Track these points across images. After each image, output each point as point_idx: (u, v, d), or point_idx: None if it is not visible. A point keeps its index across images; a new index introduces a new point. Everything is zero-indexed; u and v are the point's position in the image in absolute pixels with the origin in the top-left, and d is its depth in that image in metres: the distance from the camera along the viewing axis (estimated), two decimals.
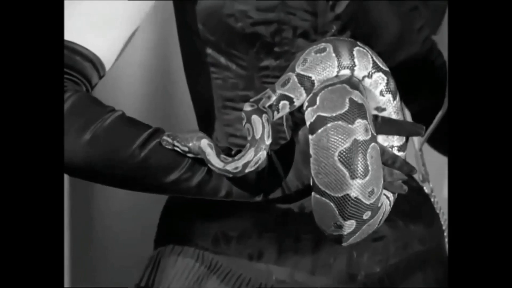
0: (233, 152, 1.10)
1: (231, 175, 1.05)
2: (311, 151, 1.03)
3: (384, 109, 1.09)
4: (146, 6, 1.19)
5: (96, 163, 1.08)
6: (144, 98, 1.82)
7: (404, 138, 1.12)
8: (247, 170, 1.05)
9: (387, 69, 1.08)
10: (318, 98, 1.04)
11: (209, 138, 1.07)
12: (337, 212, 1.04)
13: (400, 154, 1.12)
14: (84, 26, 1.14)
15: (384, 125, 1.08)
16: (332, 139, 1.02)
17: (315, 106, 1.04)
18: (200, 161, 1.08)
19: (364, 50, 1.07)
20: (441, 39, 1.29)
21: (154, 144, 1.08)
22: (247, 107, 1.06)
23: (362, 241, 1.27)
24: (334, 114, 1.02)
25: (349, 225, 1.05)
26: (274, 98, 1.07)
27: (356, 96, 1.03)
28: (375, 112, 1.09)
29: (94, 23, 1.15)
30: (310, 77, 1.06)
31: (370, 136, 1.02)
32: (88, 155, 1.07)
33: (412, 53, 1.23)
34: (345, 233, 1.06)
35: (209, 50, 1.24)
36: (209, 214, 1.26)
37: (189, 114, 1.39)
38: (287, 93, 1.07)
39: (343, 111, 1.02)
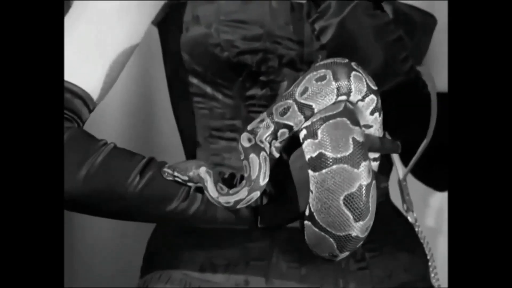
0: (226, 176, 1.10)
1: (222, 207, 1.06)
2: (312, 188, 1.03)
3: (371, 126, 1.11)
4: (138, 35, 1.19)
5: (93, 199, 1.08)
6: (128, 129, 1.82)
7: None
8: (238, 207, 1.06)
9: (375, 88, 1.10)
10: (319, 132, 1.03)
11: (209, 166, 1.07)
12: (335, 246, 1.05)
13: (375, 164, 1.14)
14: (73, 63, 1.14)
15: (368, 142, 1.09)
16: (338, 183, 1.01)
17: (316, 140, 1.03)
18: (198, 189, 1.08)
19: (359, 74, 1.08)
20: (426, 70, 1.29)
21: (148, 176, 1.08)
22: (245, 141, 1.06)
23: (348, 269, 1.27)
24: (339, 156, 1.01)
25: (344, 255, 1.07)
26: (272, 127, 1.07)
27: (358, 134, 1.03)
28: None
29: (83, 58, 1.15)
30: (311, 106, 1.06)
31: (371, 177, 1.03)
32: (84, 192, 1.07)
33: (396, 83, 1.23)
34: (338, 259, 1.08)
35: (195, 80, 1.25)
36: (196, 243, 1.26)
37: (174, 144, 1.39)
38: (286, 122, 1.07)
39: (347, 153, 1.01)
